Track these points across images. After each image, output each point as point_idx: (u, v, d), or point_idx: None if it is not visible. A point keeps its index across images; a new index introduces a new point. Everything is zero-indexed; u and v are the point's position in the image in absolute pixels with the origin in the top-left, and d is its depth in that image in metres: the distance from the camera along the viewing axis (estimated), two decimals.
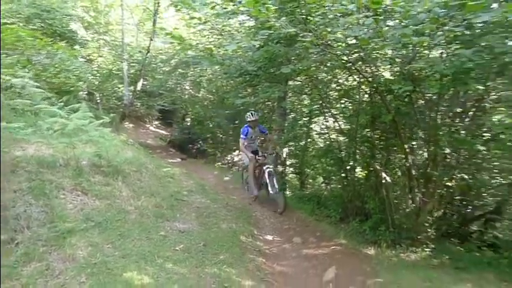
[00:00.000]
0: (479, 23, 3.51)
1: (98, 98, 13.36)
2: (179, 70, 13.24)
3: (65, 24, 10.62)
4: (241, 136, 7.08)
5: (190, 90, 14.90)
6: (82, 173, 4.93)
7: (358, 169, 7.29)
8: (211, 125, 13.48)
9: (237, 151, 13.46)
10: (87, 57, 13.41)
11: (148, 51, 12.73)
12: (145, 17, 14.37)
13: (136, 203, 5.03)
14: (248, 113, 7.16)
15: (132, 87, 13.42)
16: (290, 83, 8.13)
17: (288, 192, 9.02)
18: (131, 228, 4.34)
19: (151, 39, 12.52)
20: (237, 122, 12.32)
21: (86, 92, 12.55)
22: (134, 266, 3.61)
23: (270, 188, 6.72)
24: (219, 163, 12.02)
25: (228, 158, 13.11)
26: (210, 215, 5.68)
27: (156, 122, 18.53)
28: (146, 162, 6.86)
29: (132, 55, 14.02)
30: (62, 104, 5.74)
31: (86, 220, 4.13)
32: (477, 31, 3.84)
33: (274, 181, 6.72)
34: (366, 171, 7.04)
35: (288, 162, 10.14)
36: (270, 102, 10.49)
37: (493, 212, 6.07)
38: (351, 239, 5.59)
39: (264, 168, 6.95)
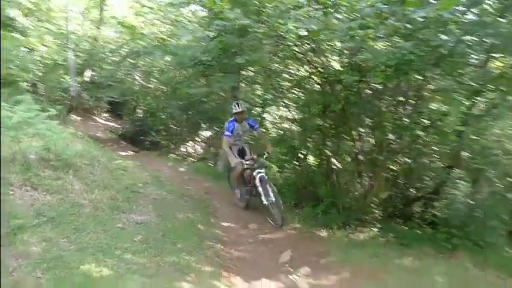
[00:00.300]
0: (419, 17, 3.81)
1: (43, 90, 12.67)
2: (129, 60, 12.87)
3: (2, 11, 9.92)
4: (225, 133, 5.98)
5: (141, 81, 14.53)
6: (30, 168, 4.76)
7: (310, 157, 7.59)
8: (163, 117, 13.26)
9: (191, 142, 13.42)
10: (29, 47, 12.62)
11: (96, 40, 12.25)
12: (91, 5, 13.75)
13: (90, 196, 4.93)
14: (233, 104, 6.09)
15: (79, 78, 12.86)
16: (243, 73, 8.24)
17: None
18: (86, 222, 4.27)
19: (98, 28, 12.04)
20: (190, 112, 12.26)
21: (30, 84, 11.86)
22: (92, 258, 3.57)
23: (263, 198, 5.66)
24: (173, 155, 11.90)
25: (183, 149, 13.02)
26: (167, 206, 5.69)
27: (106, 115, 17.86)
28: (98, 155, 6.70)
29: (78, 44, 13.40)
30: (6, 96, 5.46)
31: (38, 215, 4.00)
32: (418, 25, 4.15)
33: (269, 189, 5.64)
34: (317, 159, 7.35)
35: None
36: (223, 93, 10.54)
37: (432, 193, 6.59)
38: (305, 223, 5.83)
39: (255, 173, 5.81)
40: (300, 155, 7.30)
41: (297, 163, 7.46)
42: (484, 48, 4.44)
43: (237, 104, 6.03)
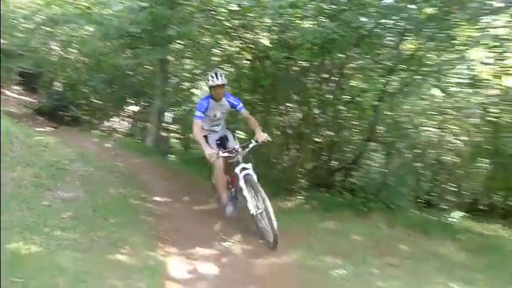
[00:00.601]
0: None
1: None
2: (45, 28, 11.77)
3: None
4: (196, 114, 4.29)
5: (60, 52, 13.42)
6: None
7: (240, 131, 7.79)
8: (85, 90, 12.47)
9: (116, 117, 12.88)
10: None
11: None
12: None
13: (11, 174, 4.63)
14: (210, 74, 4.28)
15: None
16: (171, 46, 8.07)
17: (173, 156, 9.15)
18: (8, 201, 4.04)
19: None
20: (115, 86, 11.72)
21: None
22: (18, 237, 3.41)
23: (250, 205, 4.13)
24: (97, 131, 11.36)
25: (107, 125, 12.46)
26: (95, 182, 5.50)
27: (18, 88, 16.24)
28: (15, 132, 6.21)
29: None
30: None
31: None
32: (341, 7, 4.45)
33: (257, 194, 4.07)
34: (247, 133, 7.57)
35: (171, 127, 10.21)
36: (151, 67, 10.23)
37: (352, 164, 7.21)
38: None
39: (237, 170, 4.22)
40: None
41: None
42: (397, 31, 4.91)
43: (216, 73, 4.24)
